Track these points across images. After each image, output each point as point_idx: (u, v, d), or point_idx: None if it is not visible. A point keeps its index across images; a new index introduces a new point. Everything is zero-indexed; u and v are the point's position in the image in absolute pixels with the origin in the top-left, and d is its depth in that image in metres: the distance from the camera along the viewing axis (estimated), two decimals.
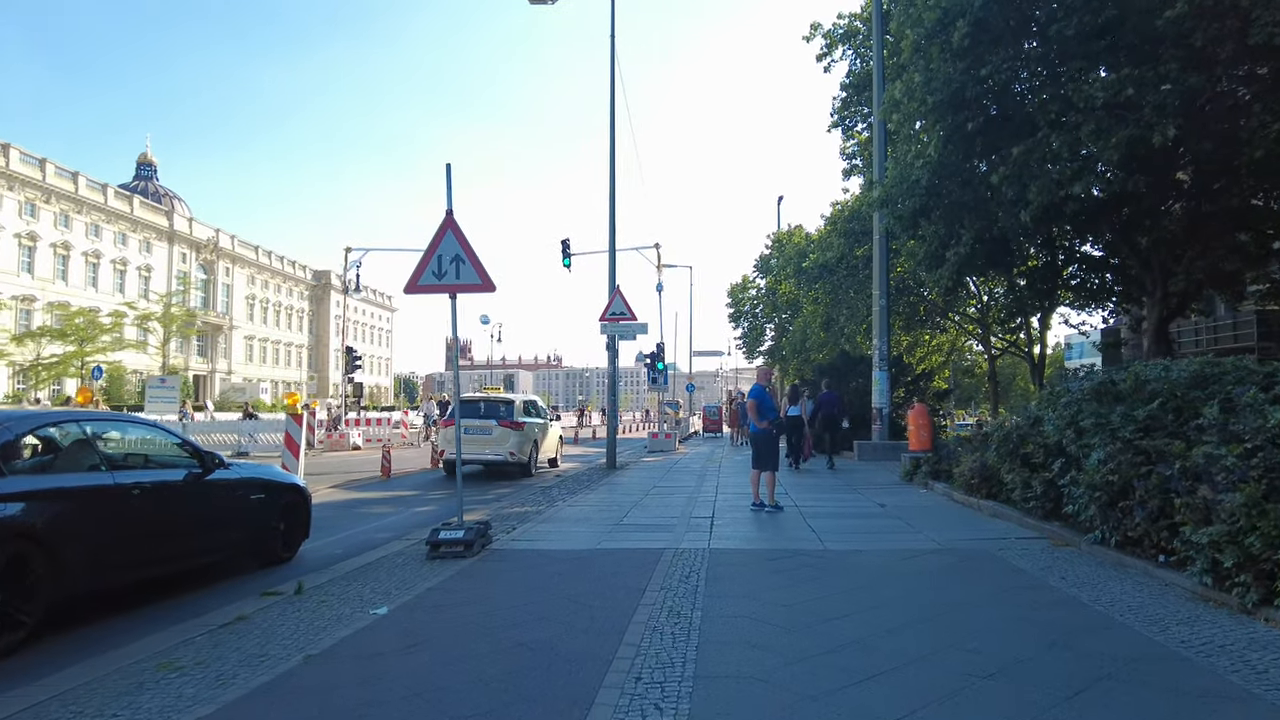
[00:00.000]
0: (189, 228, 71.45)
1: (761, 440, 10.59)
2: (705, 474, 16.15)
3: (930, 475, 12.99)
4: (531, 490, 13.60)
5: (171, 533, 6.60)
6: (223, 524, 7.30)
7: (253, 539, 7.71)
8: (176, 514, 6.72)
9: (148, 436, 7.16)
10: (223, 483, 7.26)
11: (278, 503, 7.99)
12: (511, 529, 9.23)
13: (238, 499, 7.47)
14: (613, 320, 17.26)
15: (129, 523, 6.07)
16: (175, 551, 6.70)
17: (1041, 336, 25.96)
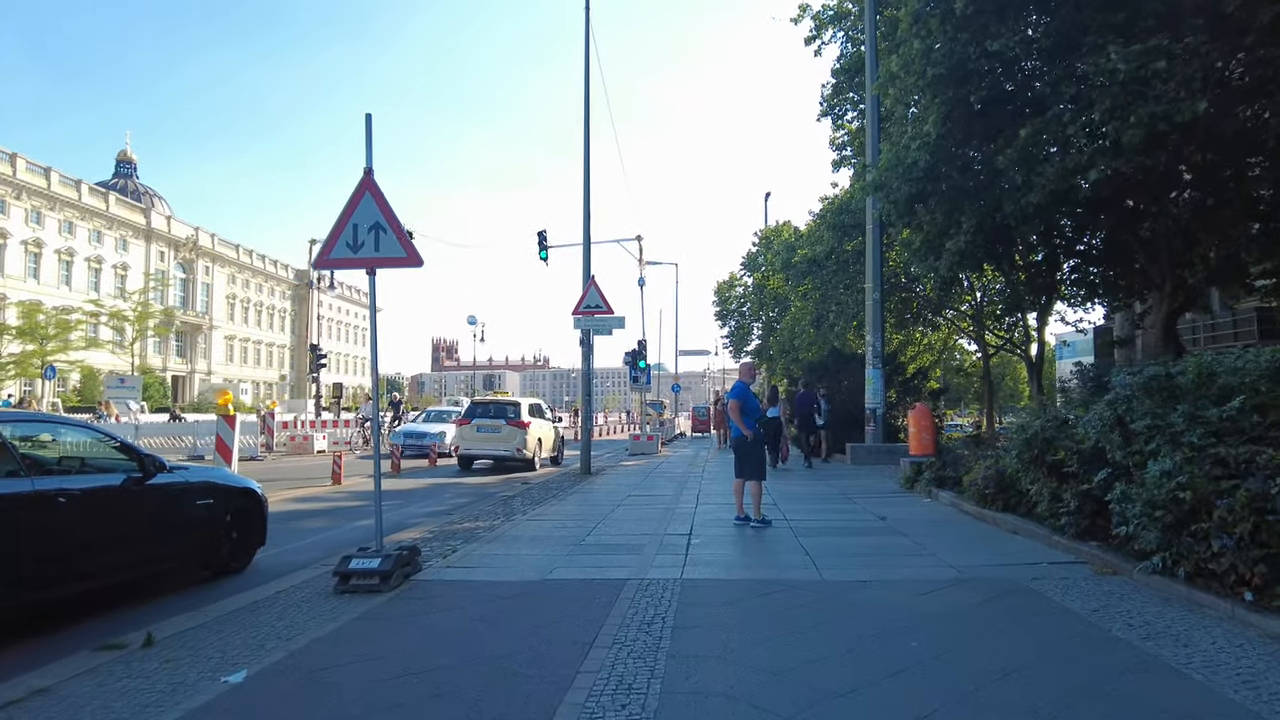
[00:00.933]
0: (167, 225, 69.52)
1: (744, 446, 9.13)
2: (686, 480, 14.69)
3: (934, 482, 11.58)
4: (491, 501, 12.11)
5: (107, 542, 6.01)
6: (166, 532, 6.69)
7: (201, 547, 7.08)
8: (112, 522, 6.11)
9: (82, 439, 6.63)
10: (165, 487, 6.65)
11: (227, 508, 7.38)
12: (451, 551, 7.74)
13: (182, 505, 6.87)
14: (587, 314, 15.78)
15: (55, 533, 5.48)
16: (112, 563, 6.08)
17: (1039, 333, 24.61)
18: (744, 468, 9.18)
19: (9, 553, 5.14)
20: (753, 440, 9.10)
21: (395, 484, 15.46)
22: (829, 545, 7.86)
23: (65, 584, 5.67)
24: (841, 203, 24.18)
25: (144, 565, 6.50)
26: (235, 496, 7.59)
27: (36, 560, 5.38)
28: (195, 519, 6.97)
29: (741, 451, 9.17)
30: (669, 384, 53.81)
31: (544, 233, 23.16)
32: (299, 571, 7.07)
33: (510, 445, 17.95)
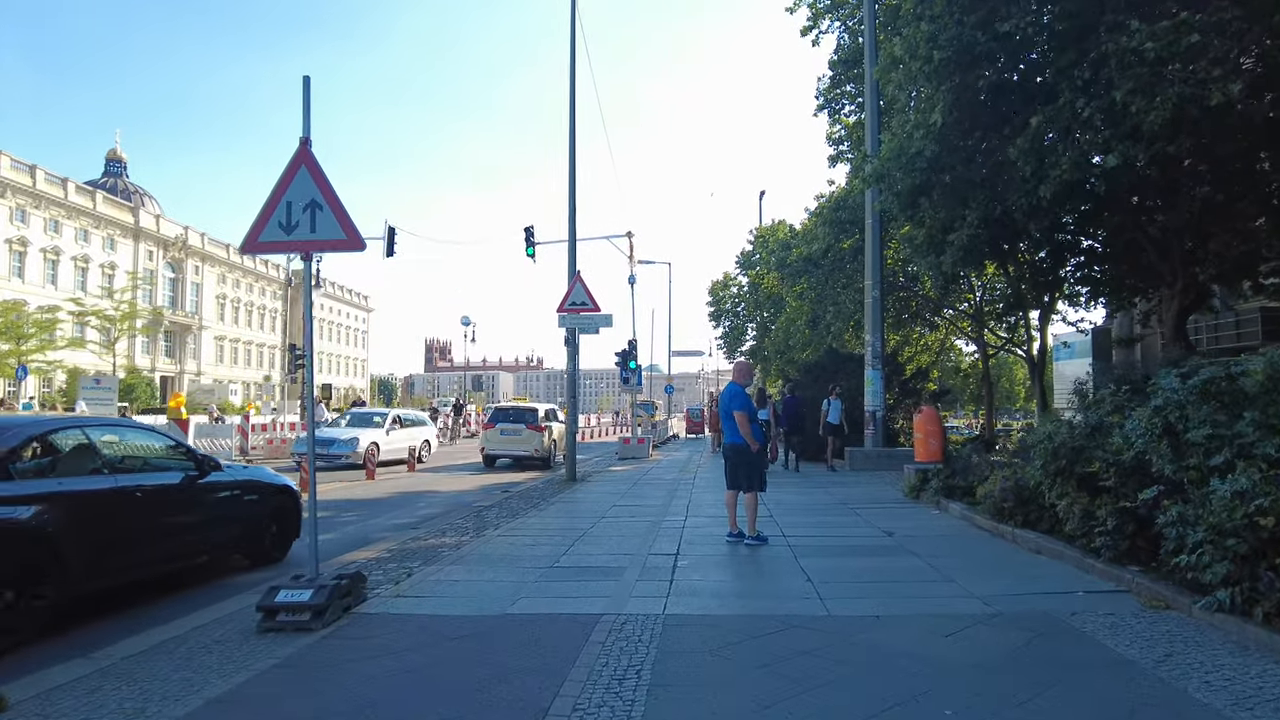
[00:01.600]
0: (156, 224, 68.34)
1: (743, 455, 8.19)
2: (676, 488, 13.75)
3: (942, 492, 10.68)
4: (463, 512, 11.15)
5: (167, 533, 6.60)
6: (217, 524, 7.33)
7: (245, 538, 7.72)
8: (173, 514, 6.72)
9: (147, 441, 7.06)
10: (217, 484, 7.29)
11: (269, 504, 8.04)
12: (405, 575, 6.80)
13: (231, 500, 7.51)
14: (572, 311, 14.84)
15: (127, 523, 6.13)
16: (170, 552, 6.70)
17: (1041, 333, 23.75)
18: (738, 478, 8.24)
19: (87, 542, 5.65)
20: (755, 451, 8.19)
21: (367, 491, 14.50)
22: (833, 568, 6.94)
23: (130, 571, 6.25)
24: (839, 198, 23.32)
25: (197, 554, 7.13)
26: (275, 493, 8.16)
27: (107, 548, 5.90)
28: (242, 513, 7.62)
29: (738, 460, 8.23)
30: (662, 385, 52.86)
31: (531, 228, 22.21)
32: (228, 600, 6.12)
33: (529, 446, 19.81)
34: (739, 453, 8.23)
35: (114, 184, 76.51)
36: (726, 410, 8.23)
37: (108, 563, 5.90)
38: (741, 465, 8.22)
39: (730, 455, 8.30)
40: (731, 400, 8.23)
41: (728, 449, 8.33)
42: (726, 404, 8.28)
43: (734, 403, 8.21)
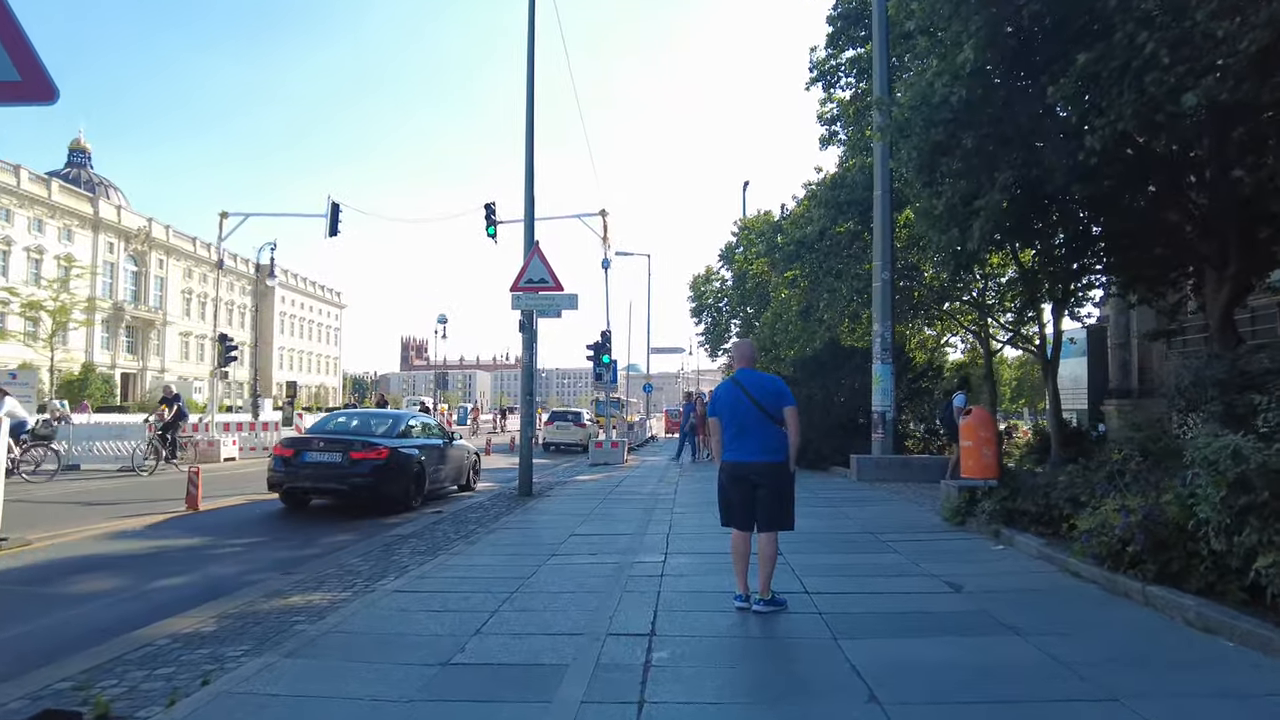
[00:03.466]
0: (117, 215, 64.54)
1: (775, 479, 5.40)
2: (654, 507, 10.95)
3: (1000, 518, 7.98)
4: (371, 544, 8.27)
5: (446, 470, 13.06)
6: (456, 466, 13.58)
7: (463, 477, 13.99)
8: (447, 461, 13.09)
9: (429, 422, 13.75)
10: (456, 445, 13.75)
11: (471, 460, 14.49)
12: (201, 681, 3.95)
13: (459, 454, 13.82)
14: (529, 290, 12.01)
15: (444, 463, 12.88)
16: (446, 479, 13.12)
17: (1056, 326, 21.24)
18: (759, 512, 5.40)
19: (428, 468, 11.97)
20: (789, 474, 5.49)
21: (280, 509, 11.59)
22: (901, 665, 4.17)
23: (437, 485, 12.58)
24: (836, 177, 20.71)
25: (452, 482, 13.46)
26: (473, 453, 14.77)
27: (432, 472, 12.15)
28: (463, 463, 13.92)
29: (768, 487, 5.41)
30: (640, 384, 50.09)
31: (492, 205, 19.31)
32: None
33: (576, 437, 27.52)
34: (774, 476, 5.38)
35: (77, 175, 72.68)
36: (750, 410, 5.40)
37: (432, 478, 12.05)
38: (771, 495, 5.37)
39: (753, 479, 5.40)
40: (775, 394, 5.44)
41: (744, 470, 5.41)
42: (762, 397, 5.40)
43: (782, 398, 5.43)
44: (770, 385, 5.50)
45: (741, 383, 5.51)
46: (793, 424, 5.49)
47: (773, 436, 5.42)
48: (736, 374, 5.63)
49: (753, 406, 5.41)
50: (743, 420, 5.43)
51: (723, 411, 5.54)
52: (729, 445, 5.51)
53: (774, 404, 5.42)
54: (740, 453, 5.44)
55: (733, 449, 5.48)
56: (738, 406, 5.45)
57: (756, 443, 5.39)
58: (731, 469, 5.47)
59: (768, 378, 5.62)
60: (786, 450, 5.44)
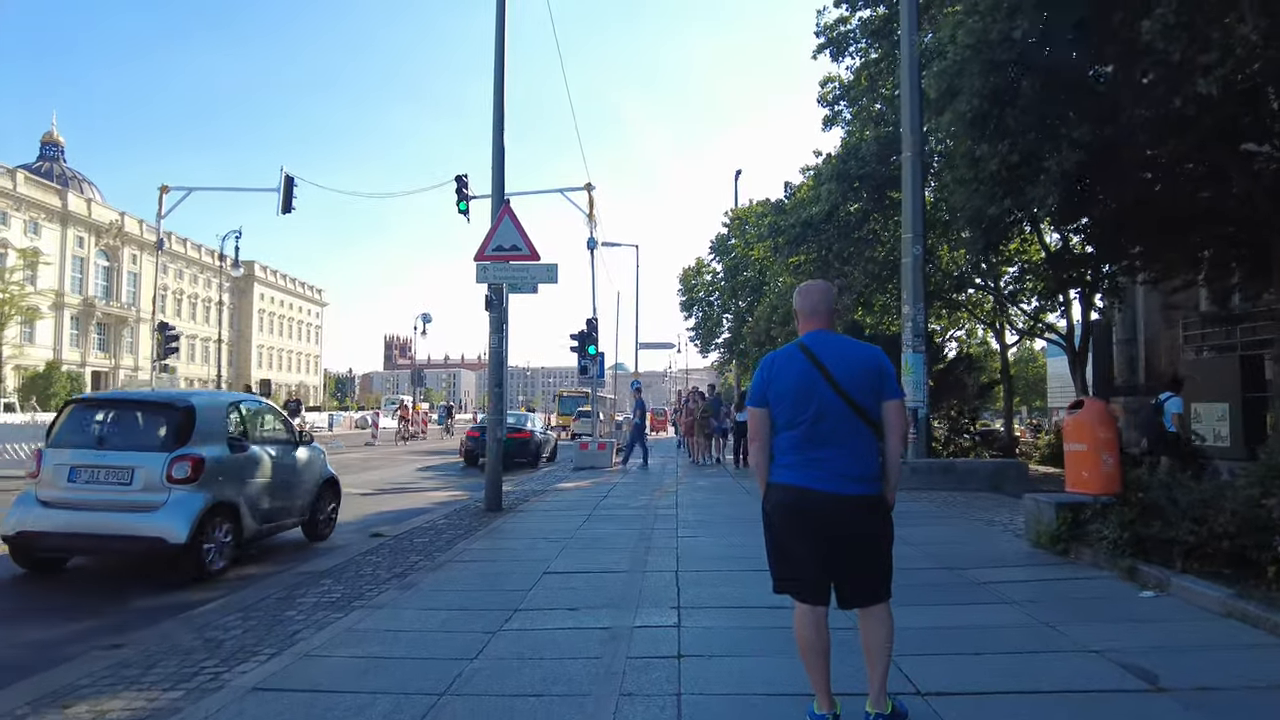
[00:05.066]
0: (87, 209, 61.47)
1: (867, 522, 3.08)
2: (653, 528, 8.57)
3: (1130, 548, 5.72)
4: (268, 591, 5.82)
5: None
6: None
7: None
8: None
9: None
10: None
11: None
12: None
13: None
14: (499, 258, 9.63)
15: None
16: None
17: (1085, 315, 19.12)
18: (825, 575, 3.11)
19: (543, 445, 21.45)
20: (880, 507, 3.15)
21: None
22: None
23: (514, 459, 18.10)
24: (848, 146, 18.44)
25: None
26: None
27: (536, 451, 20.70)
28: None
29: (854, 534, 3.09)
30: (628, 382, 47.71)
31: (464, 178, 16.91)
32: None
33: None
34: (867, 516, 3.08)
35: (49, 168, 69.66)
36: (832, 402, 3.07)
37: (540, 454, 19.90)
38: (865, 547, 3.09)
39: (833, 521, 3.05)
40: (873, 375, 3.13)
41: (818, 505, 3.04)
42: (852, 380, 3.09)
43: (885, 382, 3.14)
44: (866, 361, 3.15)
45: (816, 353, 3.15)
46: (898, 426, 3.18)
47: (865, 449, 3.11)
48: (806, 339, 3.26)
49: (836, 397, 3.07)
50: (818, 419, 3.07)
51: (779, 400, 3.17)
52: (787, 459, 3.15)
53: (871, 392, 3.10)
54: (810, 474, 3.07)
55: (794, 466, 3.12)
56: (809, 394, 3.09)
57: (840, 459, 3.06)
58: (795, 503, 3.10)
59: (861, 348, 3.25)
60: (883, 473, 3.15)
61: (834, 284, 18.48)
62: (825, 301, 3.31)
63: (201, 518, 6.39)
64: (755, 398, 3.25)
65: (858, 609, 3.12)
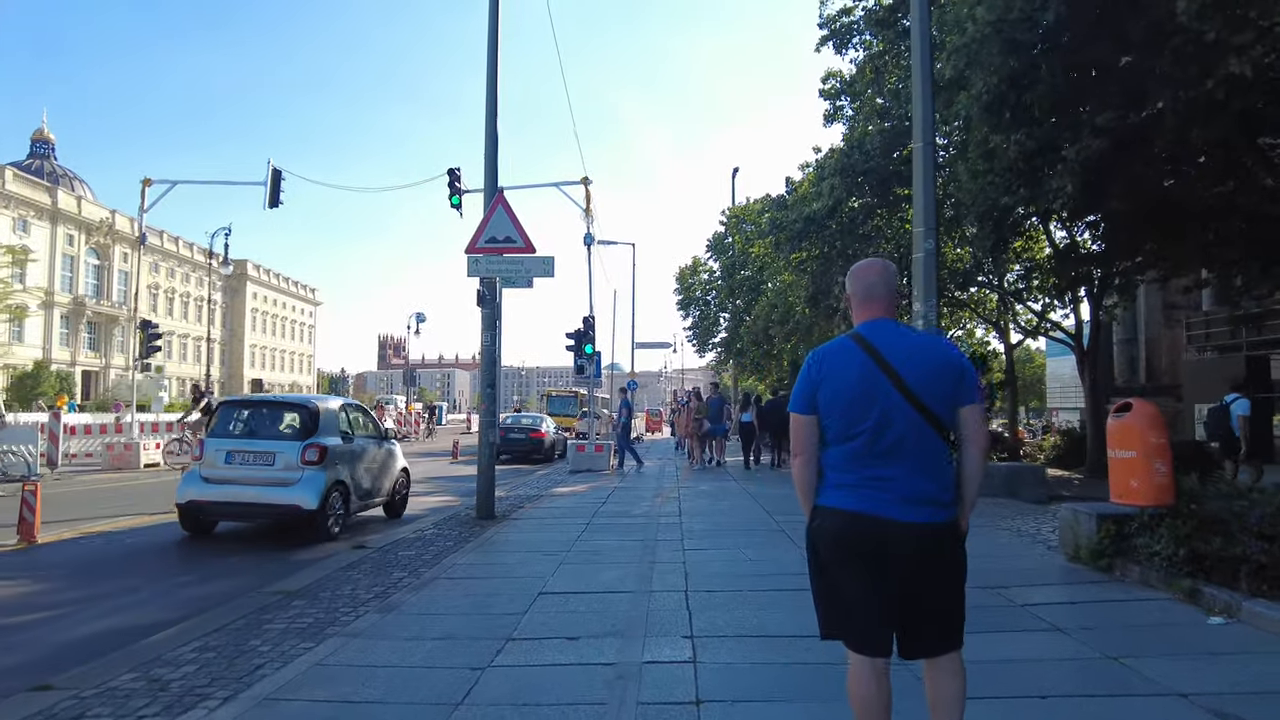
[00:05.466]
0: (77, 207, 60.54)
1: (945, 550, 2.53)
2: (657, 538, 7.96)
3: (1186, 565, 5.15)
4: (234, 613, 5.14)
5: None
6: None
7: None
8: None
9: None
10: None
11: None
12: None
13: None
14: (491, 251, 9.02)
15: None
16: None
17: (1094, 313, 18.57)
18: (888, 618, 2.51)
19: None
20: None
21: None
22: None
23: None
24: (853, 139, 17.89)
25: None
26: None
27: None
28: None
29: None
30: (624, 382, 47.16)
31: (457, 171, 16.28)
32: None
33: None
34: (939, 546, 2.52)
35: (40, 166, 68.63)
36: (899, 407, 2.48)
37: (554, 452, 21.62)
38: (939, 584, 2.54)
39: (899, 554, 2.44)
40: (951, 375, 2.54)
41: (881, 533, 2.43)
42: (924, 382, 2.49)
43: (963, 382, 2.54)
44: (941, 357, 2.56)
45: (878, 347, 2.55)
46: (979, 437, 2.60)
47: (938, 465, 2.52)
48: (864, 330, 2.64)
49: (904, 402, 2.48)
50: (881, 429, 2.48)
51: (832, 405, 2.56)
52: (841, 478, 2.55)
53: (947, 396, 2.51)
54: (870, 497, 2.48)
55: (851, 487, 2.52)
56: (870, 398, 2.50)
57: (908, 478, 2.47)
58: (850, 532, 2.50)
59: (933, 342, 2.70)
60: (957, 494, 2.58)
61: (837, 282, 18.09)
62: (886, 283, 2.71)
63: (326, 491, 8.16)
64: (800, 402, 2.65)
65: (930, 658, 2.54)
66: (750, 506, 10.34)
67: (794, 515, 9.18)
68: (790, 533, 8.05)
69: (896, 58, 18.27)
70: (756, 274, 29.44)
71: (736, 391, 33.79)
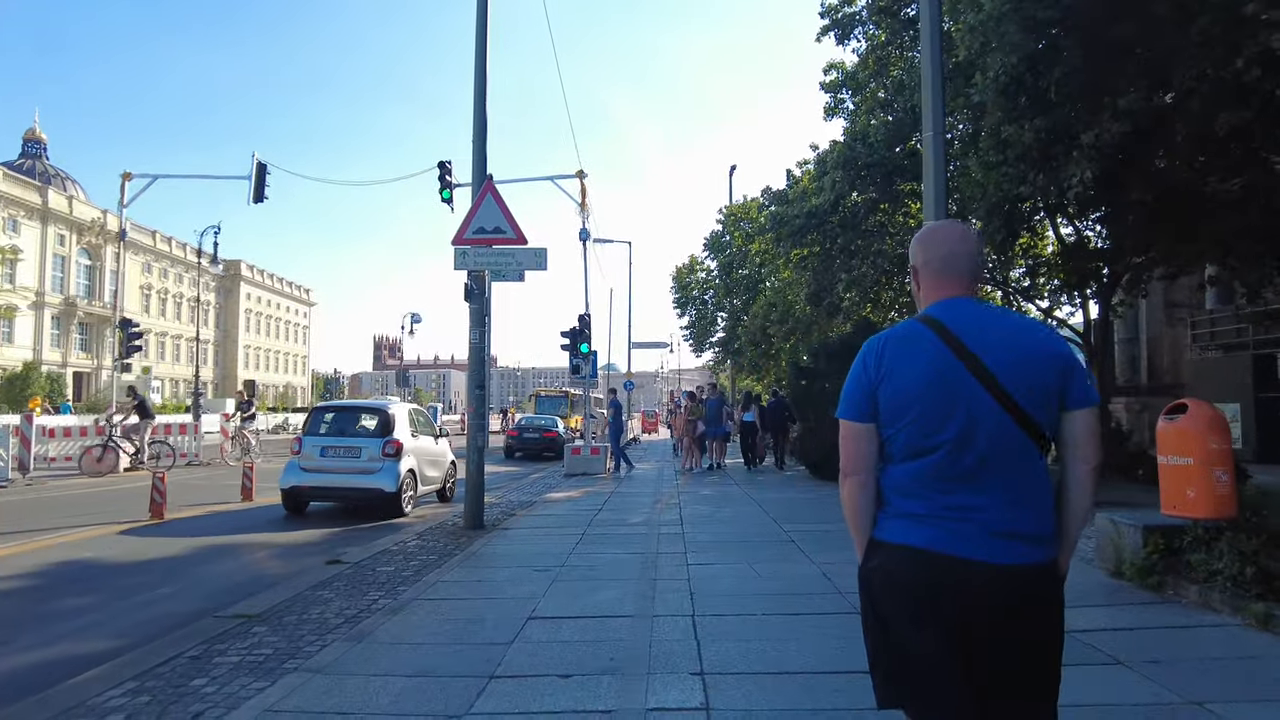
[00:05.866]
0: (68, 206, 59.73)
1: (1042, 601, 1.89)
2: (658, 550, 7.35)
3: (1257, 585, 4.59)
4: (183, 644, 4.56)
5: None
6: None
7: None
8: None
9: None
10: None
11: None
12: None
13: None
14: (480, 242, 8.41)
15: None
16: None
17: (1103, 312, 18.02)
18: (964, 684, 1.91)
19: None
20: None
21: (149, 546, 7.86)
22: None
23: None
24: (856, 133, 17.31)
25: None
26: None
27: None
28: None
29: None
30: (620, 382, 46.56)
31: (448, 164, 15.64)
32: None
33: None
34: (1036, 597, 1.89)
35: (32, 165, 68.09)
36: (990, 412, 1.88)
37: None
38: (1031, 645, 1.88)
39: (979, 607, 1.83)
40: (1056, 369, 1.92)
41: (962, 580, 1.83)
42: (1020, 380, 1.87)
43: (1071, 379, 1.91)
44: (1041, 347, 1.93)
45: (959, 334, 1.94)
46: (1091, 451, 1.96)
47: (1038, 489, 1.92)
48: (938, 311, 2.02)
49: (996, 406, 1.87)
50: (964, 440, 1.88)
51: (899, 409, 1.95)
52: (910, 505, 1.94)
53: (1051, 396, 1.91)
54: (950, 532, 1.87)
55: (923, 519, 1.91)
56: (951, 400, 1.89)
57: (1000, 506, 1.87)
58: (924, 578, 1.89)
59: (1028, 326, 2.05)
60: (1059, 527, 1.96)
61: (839, 279, 17.52)
62: (969, 252, 2.09)
63: (401, 478, 9.96)
64: (853, 405, 2.03)
65: None
66: (756, 514, 9.74)
67: (803, 524, 8.59)
68: (800, 543, 7.45)
69: (901, 48, 17.70)
70: (755, 272, 28.87)
71: (734, 392, 33.20)
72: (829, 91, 20.60)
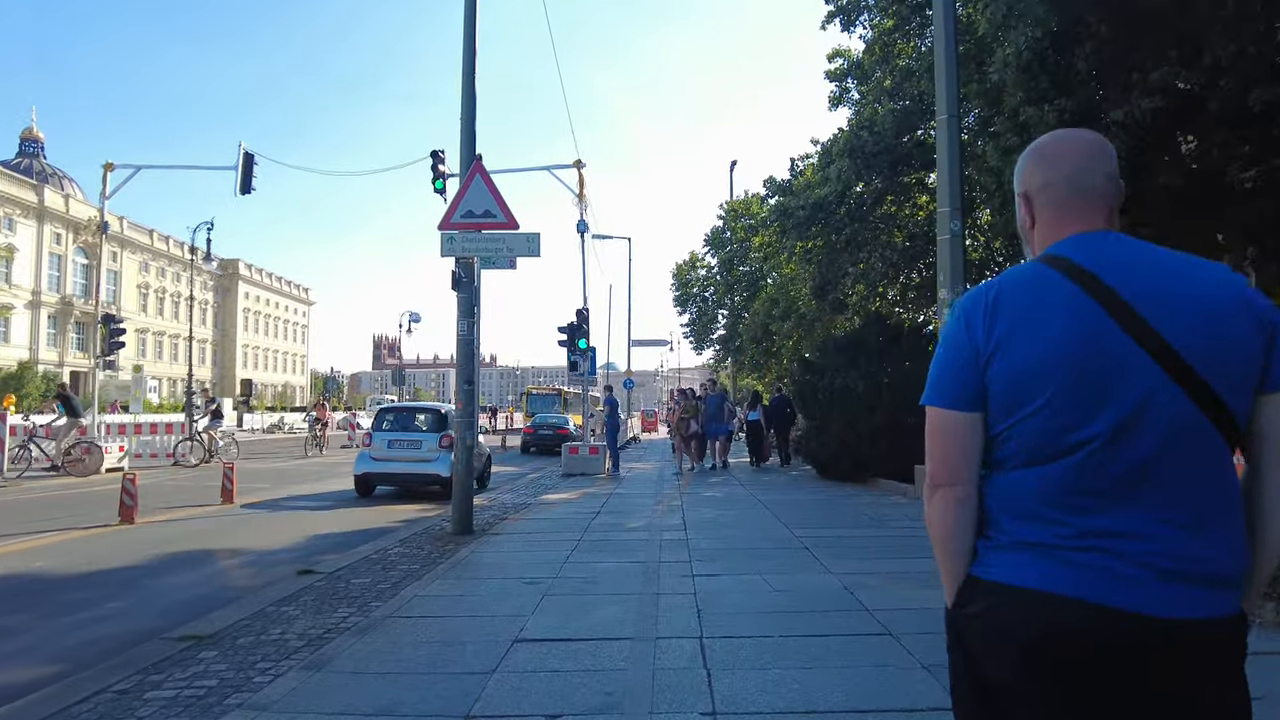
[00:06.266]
0: (65, 205, 59.07)
1: (1225, 657, 1.27)
2: (660, 560, 6.72)
3: None
4: (130, 668, 3.97)
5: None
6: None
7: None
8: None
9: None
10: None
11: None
12: None
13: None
14: (468, 226, 7.79)
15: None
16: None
17: None
18: None
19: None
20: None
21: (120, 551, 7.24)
22: None
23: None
24: (862, 121, 16.71)
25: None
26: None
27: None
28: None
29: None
30: (619, 381, 46.00)
31: (441, 153, 15.02)
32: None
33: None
34: (1221, 653, 1.25)
35: (29, 165, 67.37)
36: (1161, 391, 1.24)
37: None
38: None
39: (1136, 675, 1.22)
40: (1255, 326, 1.26)
41: (1108, 637, 1.21)
42: (1210, 346, 1.24)
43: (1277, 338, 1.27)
44: (1228, 290, 1.29)
45: (1109, 280, 1.30)
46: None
47: (1223, 503, 1.28)
48: (1071, 249, 1.38)
49: (1167, 380, 1.25)
50: (1123, 431, 1.25)
51: (1024, 385, 1.30)
52: (1028, 528, 1.30)
53: (1250, 367, 1.27)
54: (1097, 568, 1.24)
55: (1055, 550, 1.28)
56: (1104, 370, 1.26)
57: (1174, 530, 1.24)
58: (1062, 635, 1.25)
59: (1202, 268, 1.34)
60: (1252, 562, 1.31)
61: (846, 272, 16.86)
62: (1105, 170, 1.46)
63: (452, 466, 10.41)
64: (948, 387, 1.40)
65: None
66: (764, 518, 9.12)
67: (815, 528, 7.95)
68: (815, 550, 6.83)
69: (908, 35, 17.10)
70: (757, 269, 28.28)
71: (735, 390, 32.61)
72: (834, 80, 20.02)
